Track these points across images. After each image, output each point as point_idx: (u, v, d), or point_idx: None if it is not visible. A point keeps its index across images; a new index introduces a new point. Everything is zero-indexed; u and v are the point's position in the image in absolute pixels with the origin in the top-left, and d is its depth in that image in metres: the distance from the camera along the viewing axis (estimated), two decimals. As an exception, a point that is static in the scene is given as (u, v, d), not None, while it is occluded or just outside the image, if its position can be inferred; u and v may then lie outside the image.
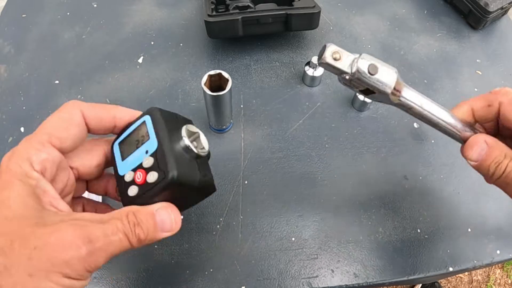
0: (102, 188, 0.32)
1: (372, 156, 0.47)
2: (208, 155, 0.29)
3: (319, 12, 0.51)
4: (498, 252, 0.42)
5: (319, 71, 0.51)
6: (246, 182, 0.45)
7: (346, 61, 0.28)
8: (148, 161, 0.26)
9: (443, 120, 0.31)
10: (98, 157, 0.30)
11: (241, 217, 0.43)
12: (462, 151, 0.31)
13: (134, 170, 0.27)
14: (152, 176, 0.25)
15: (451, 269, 0.41)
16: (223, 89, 0.40)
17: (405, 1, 0.64)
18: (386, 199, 0.44)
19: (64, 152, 0.27)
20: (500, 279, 1.26)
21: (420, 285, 1.22)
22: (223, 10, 0.54)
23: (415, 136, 0.49)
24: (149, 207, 0.25)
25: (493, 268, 1.28)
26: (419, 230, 0.43)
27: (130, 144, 0.28)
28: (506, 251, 0.42)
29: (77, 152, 0.29)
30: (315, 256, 0.41)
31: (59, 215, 0.24)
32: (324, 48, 0.28)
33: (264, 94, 0.52)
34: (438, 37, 0.60)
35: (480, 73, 0.56)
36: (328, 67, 0.29)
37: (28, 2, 0.64)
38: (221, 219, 0.43)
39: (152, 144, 0.27)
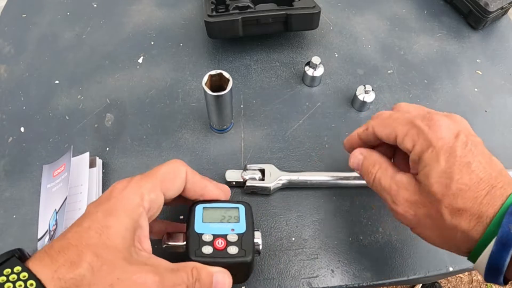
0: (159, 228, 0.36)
1: (372, 156, 0.47)
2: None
3: (319, 12, 0.51)
4: (498, 252, 0.42)
5: (319, 71, 0.51)
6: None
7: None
8: (233, 237, 0.33)
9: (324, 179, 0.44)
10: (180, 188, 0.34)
11: (241, 217, 0.43)
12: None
13: (215, 236, 0.32)
14: (233, 249, 0.32)
15: (451, 269, 0.41)
16: (224, 89, 0.40)
17: (405, 1, 0.64)
18: (386, 199, 0.45)
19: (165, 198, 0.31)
20: (500, 279, 1.26)
21: (420, 285, 1.22)
22: (223, 10, 0.54)
23: (415, 136, 0.49)
24: (210, 268, 0.29)
25: (493, 268, 1.28)
26: (419, 230, 0.43)
27: (215, 215, 0.34)
28: (506, 251, 0.42)
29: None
30: (315, 256, 0.41)
31: (142, 255, 0.28)
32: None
33: (264, 94, 0.52)
34: (438, 37, 0.60)
35: (480, 73, 0.56)
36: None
37: (28, 2, 0.64)
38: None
39: (240, 227, 0.34)
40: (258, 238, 0.34)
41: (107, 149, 0.48)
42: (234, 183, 0.44)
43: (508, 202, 0.26)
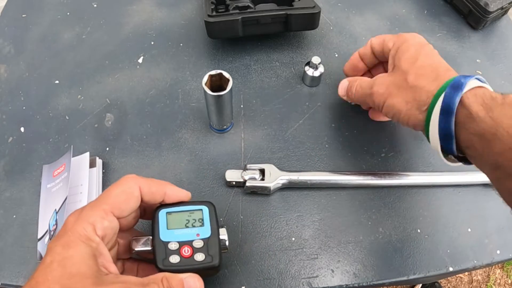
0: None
1: (372, 156, 0.47)
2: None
3: (319, 12, 0.51)
4: (498, 252, 0.42)
5: (319, 71, 0.51)
6: (246, 182, 0.45)
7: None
8: (199, 243, 0.33)
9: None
10: (137, 212, 0.35)
11: (241, 217, 0.43)
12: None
13: (181, 243, 0.33)
14: (200, 256, 0.32)
15: (451, 269, 0.41)
16: (224, 89, 0.40)
17: (405, 1, 0.64)
18: (386, 199, 0.45)
19: (120, 219, 0.32)
20: (500, 279, 1.26)
21: (420, 285, 1.22)
22: (223, 10, 0.54)
23: (415, 136, 0.49)
24: (179, 275, 0.30)
25: (493, 268, 1.28)
26: (419, 230, 0.43)
27: (179, 220, 0.34)
28: (506, 251, 0.42)
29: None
30: (315, 256, 0.41)
31: (110, 277, 0.29)
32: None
33: (264, 94, 0.53)
34: (438, 37, 0.60)
35: (480, 73, 0.56)
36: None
37: (28, 2, 0.64)
38: (221, 219, 0.43)
39: (205, 231, 0.34)
40: (223, 235, 0.34)
41: (107, 149, 0.48)
42: (234, 183, 0.44)
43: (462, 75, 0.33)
